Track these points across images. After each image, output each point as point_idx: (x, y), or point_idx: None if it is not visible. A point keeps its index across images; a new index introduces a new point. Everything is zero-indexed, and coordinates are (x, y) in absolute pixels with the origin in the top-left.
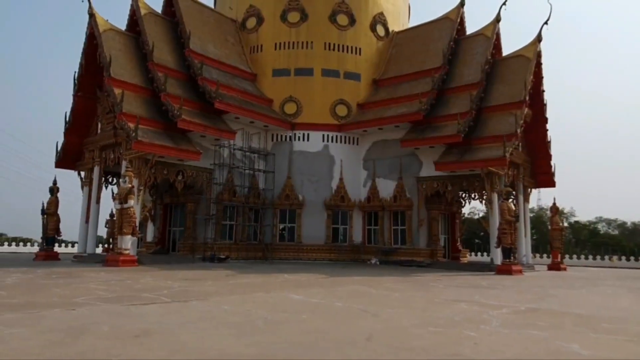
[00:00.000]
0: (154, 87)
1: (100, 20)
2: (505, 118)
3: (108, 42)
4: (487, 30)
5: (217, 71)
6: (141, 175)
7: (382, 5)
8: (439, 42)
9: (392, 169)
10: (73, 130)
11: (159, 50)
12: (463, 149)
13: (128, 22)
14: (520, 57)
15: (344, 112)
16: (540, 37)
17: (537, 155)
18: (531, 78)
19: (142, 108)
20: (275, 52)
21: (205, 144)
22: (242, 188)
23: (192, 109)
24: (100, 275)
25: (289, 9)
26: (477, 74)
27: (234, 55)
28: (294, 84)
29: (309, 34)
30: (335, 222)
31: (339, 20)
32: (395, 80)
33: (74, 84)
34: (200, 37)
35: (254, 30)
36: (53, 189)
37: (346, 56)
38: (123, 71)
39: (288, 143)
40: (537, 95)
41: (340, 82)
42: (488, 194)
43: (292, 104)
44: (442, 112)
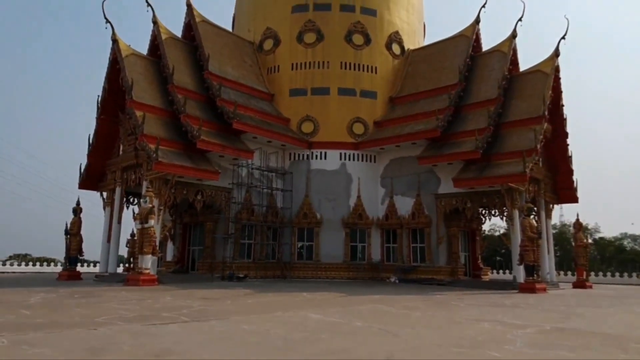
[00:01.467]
0: (174, 109)
1: (122, 46)
2: (524, 133)
3: (130, 67)
4: (504, 46)
5: (235, 92)
6: (161, 195)
7: (397, 24)
8: (455, 59)
9: (410, 186)
10: (96, 152)
11: (179, 73)
12: (482, 165)
13: (149, 46)
14: (538, 72)
15: (361, 130)
16: (558, 52)
17: (559, 170)
18: (550, 93)
19: (163, 129)
20: (292, 72)
21: (223, 164)
22: (260, 207)
23: (211, 130)
24: (121, 295)
25: (305, 30)
26: (494, 89)
27: (251, 76)
28: (310, 103)
29: (325, 54)
30: (353, 240)
31: (355, 40)
32: (411, 97)
33: (97, 107)
34: (218, 60)
35: (271, 51)
36: (76, 210)
37: (362, 75)
38: (144, 94)
39: (305, 162)
40: (557, 109)
41: (356, 100)
42: (509, 211)
43: (309, 123)
44: (459, 128)
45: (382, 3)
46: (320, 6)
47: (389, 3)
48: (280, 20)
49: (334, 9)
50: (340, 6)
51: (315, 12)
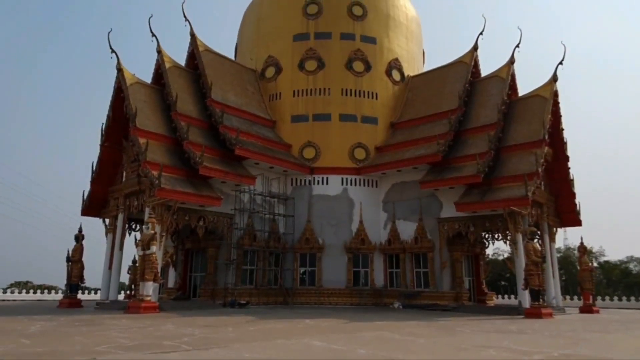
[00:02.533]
0: (177, 136)
1: (127, 75)
2: (525, 157)
3: (134, 95)
4: (502, 72)
5: (237, 119)
6: (163, 221)
7: (397, 51)
8: (455, 85)
9: (412, 211)
10: (99, 179)
11: (182, 101)
12: (484, 189)
13: (153, 75)
14: (536, 96)
15: (362, 156)
16: (556, 77)
17: (561, 193)
18: (549, 117)
19: (166, 156)
20: (293, 99)
21: (225, 190)
22: (262, 232)
23: (213, 156)
24: (121, 323)
25: (306, 58)
26: (494, 114)
27: (253, 103)
28: (312, 129)
29: (326, 80)
30: (356, 265)
31: (355, 67)
32: (412, 122)
33: (101, 135)
34: (221, 87)
35: (273, 79)
36: (78, 237)
37: (363, 101)
38: (148, 121)
39: (307, 187)
40: (557, 133)
41: (357, 126)
42: (512, 235)
43: (311, 149)
44: (460, 152)
45: (381, 31)
46: (321, 35)
47: (388, 31)
48: (281, 48)
49: (335, 37)
50: (341, 35)
51: (316, 40)
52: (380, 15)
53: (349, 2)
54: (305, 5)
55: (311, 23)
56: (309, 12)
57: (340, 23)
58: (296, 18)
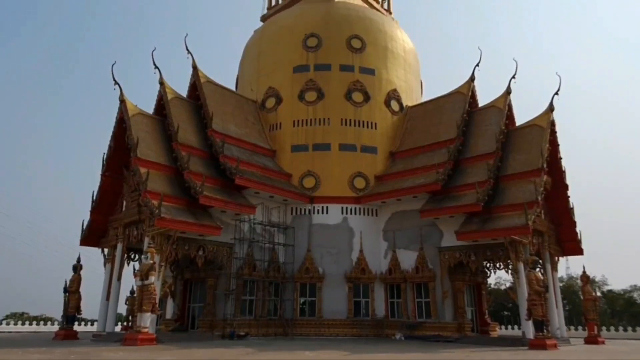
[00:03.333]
0: (178, 165)
1: (129, 105)
2: (524, 186)
3: (136, 125)
4: (499, 102)
5: (237, 149)
6: (163, 251)
7: (395, 82)
8: (453, 115)
9: (413, 240)
10: (99, 209)
11: (183, 131)
12: (484, 218)
13: (156, 106)
14: (534, 126)
15: (362, 185)
16: (552, 107)
17: (561, 222)
18: (547, 146)
19: (166, 186)
20: (293, 129)
21: (225, 219)
22: (262, 262)
23: (214, 186)
24: (118, 356)
25: (306, 89)
26: (492, 143)
27: (254, 133)
28: (312, 158)
29: (326, 111)
30: (356, 296)
31: (354, 98)
32: (411, 152)
33: (103, 165)
34: (222, 118)
35: (273, 109)
36: (76, 267)
37: (362, 131)
38: (149, 151)
39: (307, 216)
40: (555, 162)
41: (357, 155)
42: (514, 264)
43: (311, 178)
44: (460, 181)
45: (380, 63)
46: (321, 66)
47: (386, 63)
48: (282, 80)
49: (334, 68)
50: (340, 66)
51: (316, 72)
52: (378, 47)
53: (348, 35)
54: (306, 38)
55: (311, 55)
56: (309, 44)
57: (339, 55)
58: (296, 50)
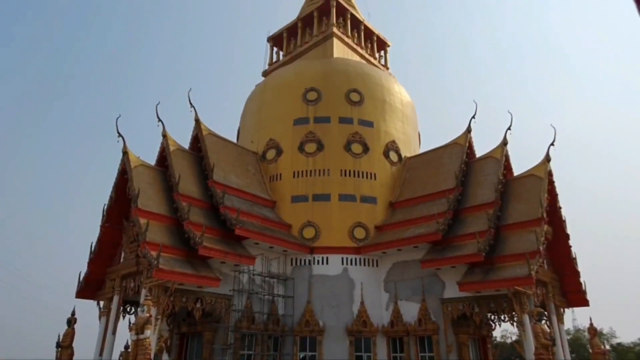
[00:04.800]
0: (178, 216)
1: (132, 157)
2: (525, 236)
3: (138, 176)
4: (496, 153)
5: (238, 199)
6: (160, 303)
7: (394, 134)
8: (451, 165)
9: (415, 291)
10: (97, 260)
11: (185, 182)
12: (486, 269)
13: (158, 157)
14: (531, 176)
15: (362, 235)
16: (549, 158)
17: (565, 272)
18: (546, 196)
19: (166, 236)
20: (293, 180)
21: (225, 270)
22: (261, 315)
23: (214, 236)
24: None
25: (306, 140)
26: (492, 193)
27: (254, 184)
28: (312, 209)
29: (326, 162)
30: (358, 350)
31: (354, 149)
32: (411, 202)
33: (103, 215)
34: (223, 169)
35: (274, 160)
36: (70, 320)
37: (362, 181)
38: (150, 202)
39: (307, 267)
40: (555, 212)
41: (357, 205)
42: (518, 316)
43: (311, 229)
44: (460, 231)
45: (378, 115)
46: (320, 119)
47: (384, 115)
48: (282, 132)
49: (333, 121)
50: (339, 119)
51: (316, 124)
52: (376, 101)
53: (346, 89)
54: (305, 92)
55: (311, 108)
56: (308, 98)
57: (338, 108)
58: (296, 104)
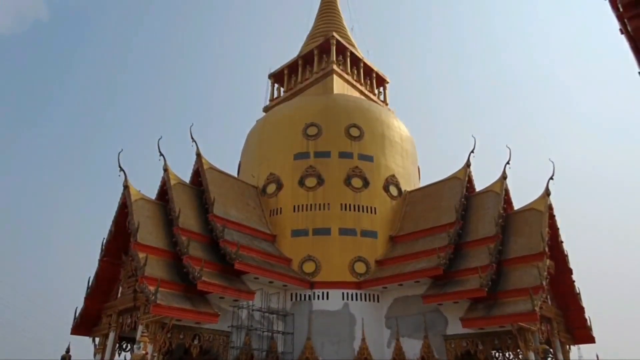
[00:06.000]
0: (177, 250)
1: (133, 191)
2: (528, 270)
3: (138, 210)
4: (496, 187)
5: (238, 233)
6: (156, 340)
7: (393, 168)
8: (451, 199)
9: (417, 327)
10: (94, 295)
11: (185, 216)
12: (489, 304)
13: (158, 191)
14: (532, 210)
15: (363, 269)
16: (549, 192)
17: (569, 307)
18: (547, 230)
19: (164, 271)
20: (294, 214)
21: (223, 306)
22: (260, 352)
23: (213, 271)
24: None
25: (306, 175)
26: (492, 227)
27: (254, 218)
28: (312, 243)
29: (326, 196)
30: None
31: (354, 183)
32: (411, 236)
33: (101, 250)
34: (223, 203)
35: (274, 194)
36: (65, 358)
37: (362, 215)
38: (149, 236)
39: (307, 302)
40: (557, 245)
41: (357, 240)
42: (523, 353)
43: (311, 263)
44: (461, 265)
45: (377, 150)
46: (320, 154)
47: (384, 150)
48: (282, 166)
49: (333, 155)
50: (339, 153)
51: (316, 159)
52: (376, 136)
53: (346, 124)
54: (306, 127)
55: (311, 143)
56: (309, 133)
57: (338, 143)
58: (297, 139)
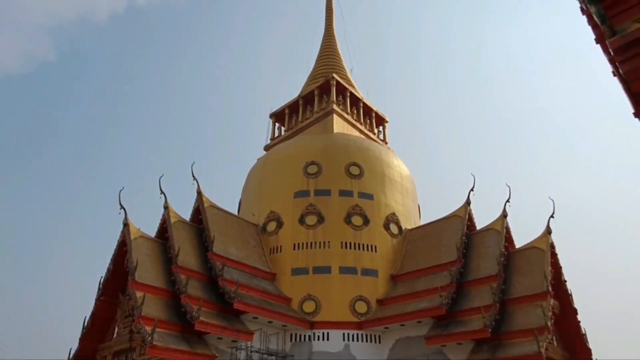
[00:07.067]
0: (176, 289)
1: (132, 229)
2: (531, 310)
3: (137, 248)
4: (497, 225)
5: (237, 272)
6: None
7: (393, 206)
8: (452, 238)
9: None
10: (89, 336)
11: (184, 254)
12: (493, 345)
13: (158, 229)
14: (534, 248)
15: (364, 309)
16: (550, 230)
17: (576, 349)
18: (550, 269)
19: (162, 310)
20: (294, 252)
21: (221, 347)
22: None
23: (211, 310)
24: None
25: (306, 213)
26: (494, 266)
27: (254, 256)
28: (312, 282)
29: (326, 234)
30: None
31: (354, 221)
32: (412, 275)
33: (99, 289)
34: (223, 241)
35: (274, 232)
36: None
37: (362, 253)
38: (147, 274)
39: (307, 343)
40: (560, 285)
41: (358, 278)
42: None
43: (311, 302)
44: (464, 305)
45: (377, 188)
46: (321, 192)
47: (384, 188)
48: (283, 204)
49: (334, 194)
50: (339, 191)
51: (316, 197)
52: (376, 174)
53: (346, 163)
54: (306, 165)
55: (311, 181)
56: (309, 171)
57: (338, 181)
58: (297, 177)
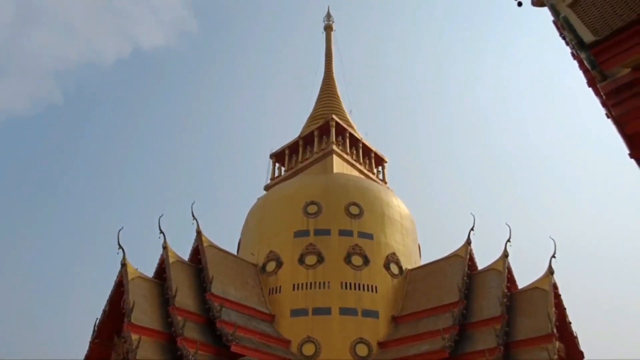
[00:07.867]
0: (172, 331)
1: (130, 269)
2: (537, 353)
3: (134, 289)
4: (498, 265)
5: (235, 313)
6: None
7: (394, 246)
8: (453, 278)
9: None
10: None
11: (182, 295)
12: None
13: (156, 269)
14: (536, 289)
15: (365, 352)
16: (552, 270)
17: None
18: (554, 310)
19: (157, 353)
20: (293, 293)
21: None
22: None
23: (208, 353)
24: None
25: (306, 253)
26: (497, 307)
27: (253, 297)
28: (312, 323)
29: (326, 274)
30: None
31: (354, 261)
32: (414, 316)
33: (93, 331)
34: (222, 281)
35: (274, 272)
36: None
37: (363, 294)
38: (144, 316)
39: None
40: (565, 326)
41: (358, 320)
42: None
43: (311, 345)
44: (467, 348)
45: (377, 228)
46: (320, 231)
47: (384, 228)
48: (282, 244)
49: (333, 233)
50: (339, 231)
51: (316, 236)
52: (375, 214)
53: (346, 203)
54: (306, 205)
55: (311, 221)
56: (309, 211)
57: (338, 221)
58: (297, 217)
